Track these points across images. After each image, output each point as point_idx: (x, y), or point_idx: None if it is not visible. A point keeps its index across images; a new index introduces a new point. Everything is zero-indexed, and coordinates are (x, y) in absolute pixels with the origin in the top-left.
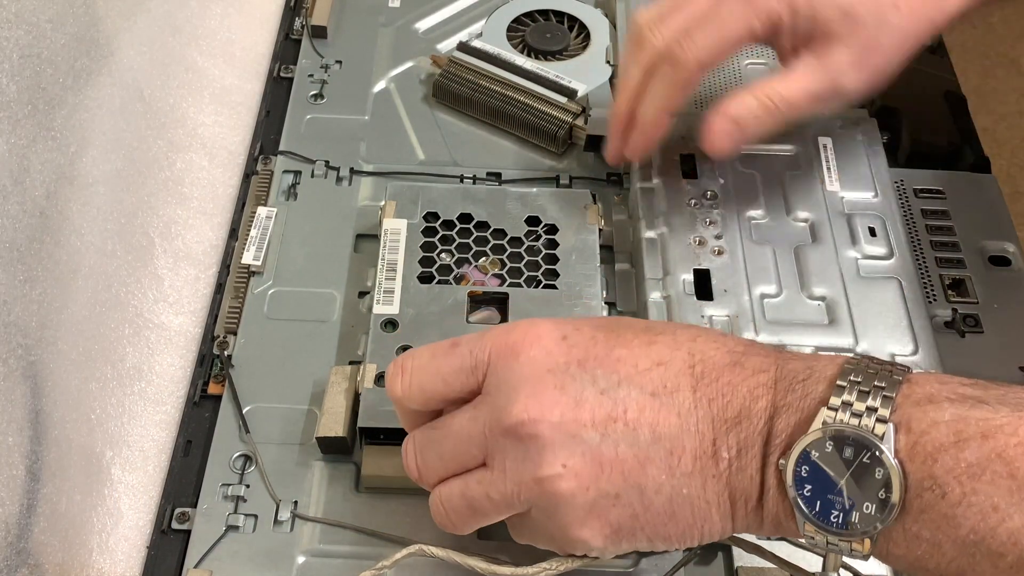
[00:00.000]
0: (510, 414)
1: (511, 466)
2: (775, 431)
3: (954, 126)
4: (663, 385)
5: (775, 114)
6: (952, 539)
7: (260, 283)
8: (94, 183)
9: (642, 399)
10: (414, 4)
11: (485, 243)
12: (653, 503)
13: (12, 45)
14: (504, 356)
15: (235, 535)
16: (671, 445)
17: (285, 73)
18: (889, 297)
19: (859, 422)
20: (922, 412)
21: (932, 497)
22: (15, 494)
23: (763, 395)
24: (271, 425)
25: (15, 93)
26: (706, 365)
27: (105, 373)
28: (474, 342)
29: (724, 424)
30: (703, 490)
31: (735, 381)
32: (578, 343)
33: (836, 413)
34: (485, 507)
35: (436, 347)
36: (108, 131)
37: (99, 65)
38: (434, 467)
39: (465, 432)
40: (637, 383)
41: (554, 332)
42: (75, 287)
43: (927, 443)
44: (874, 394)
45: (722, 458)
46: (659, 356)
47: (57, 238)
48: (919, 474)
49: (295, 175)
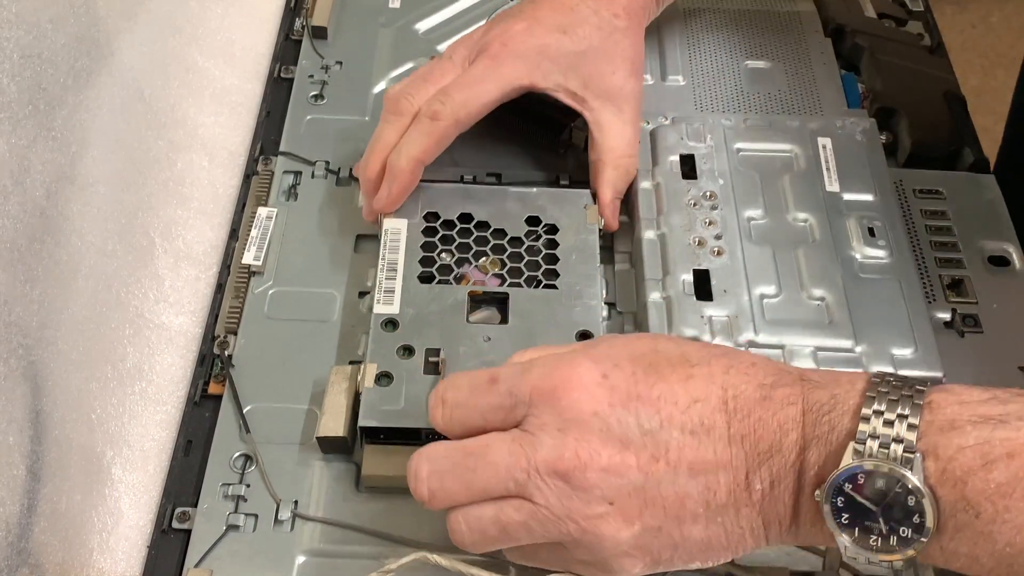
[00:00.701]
0: (561, 458)
1: (555, 503)
2: (807, 463)
3: (954, 126)
4: (701, 423)
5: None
6: (989, 553)
7: (260, 283)
8: (94, 183)
9: (682, 439)
10: (414, 5)
11: (485, 243)
12: (692, 533)
13: (12, 45)
14: (547, 398)
15: (235, 535)
16: (707, 481)
17: (285, 74)
18: (889, 297)
19: (888, 454)
20: (947, 439)
21: (966, 517)
22: (15, 494)
23: (792, 429)
24: (271, 425)
25: (15, 93)
26: (738, 401)
27: (105, 373)
28: (514, 381)
29: (756, 458)
30: (737, 518)
31: (765, 417)
32: (619, 383)
33: (864, 446)
34: (520, 535)
35: (475, 381)
36: (108, 131)
37: (99, 65)
38: (455, 493)
39: (504, 465)
40: (678, 423)
41: (594, 372)
42: (75, 287)
43: (955, 468)
44: (899, 423)
45: (755, 489)
46: (696, 392)
47: (57, 238)
48: (951, 497)
49: (295, 175)
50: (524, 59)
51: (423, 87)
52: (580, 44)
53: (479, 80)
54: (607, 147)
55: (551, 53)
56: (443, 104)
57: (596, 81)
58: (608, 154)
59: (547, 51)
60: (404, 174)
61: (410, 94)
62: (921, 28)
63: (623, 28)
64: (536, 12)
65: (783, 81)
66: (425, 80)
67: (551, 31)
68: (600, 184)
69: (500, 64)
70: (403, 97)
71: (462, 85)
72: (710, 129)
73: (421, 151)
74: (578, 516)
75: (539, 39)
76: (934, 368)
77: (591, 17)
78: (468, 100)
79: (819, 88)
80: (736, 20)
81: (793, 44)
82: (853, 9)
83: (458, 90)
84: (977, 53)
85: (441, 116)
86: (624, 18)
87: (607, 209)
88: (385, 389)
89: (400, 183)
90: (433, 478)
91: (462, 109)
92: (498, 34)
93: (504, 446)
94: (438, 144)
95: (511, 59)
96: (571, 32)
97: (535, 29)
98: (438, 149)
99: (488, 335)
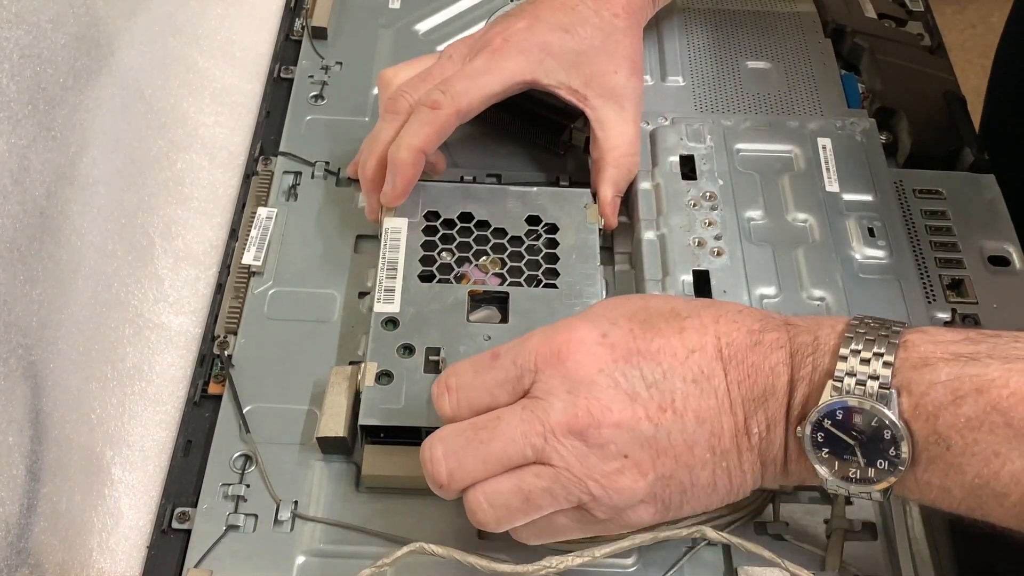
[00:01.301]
0: (576, 417)
1: (575, 463)
2: (793, 404)
3: (954, 126)
4: (701, 372)
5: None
6: (959, 484)
7: (260, 283)
8: (94, 183)
9: (686, 388)
10: (414, 5)
11: (485, 242)
12: (700, 478)
13: (12, 45)
14: (552, 363)
15: (235, 535)
16: (712, 427)
17: (285, 74)
18: (889, 297)
19: (864, 390)
20: (919, 375)
21: (938, 450)
22: (15, 494)
23: (783, 372)
24: (271, 425)
25: (15, 93)
26: (732, 348)
27: (105, 373)
28: (515, 352)
29: (752, 403)
30: (739, 462)
31: (757, 361)
32: (618, 340)
33: (842, 383)
34: (543, 501)
35: (477, 361)
36: (108, 131)
37: (99, 65)
38: (473, 469)
39: (519, 433)
40: (679, 373)
41: (593, 332)
42: (75, 287)
43: (927, 403)
44: (875, 361)
45: (753, 433)
46: (692, 343)
47: (57, 238)
48: (924, 431)
49: (295, 176)
50: (526, 55)
51: (421, 85)
52: (582, 43)
53: (481, 72)
54: (609, 146)
55: (553, 50)
56: (443, 93)
57: (598, 79)
58: (610, 152)
59: (549, 48)
60: (407, 166)
61: (407, 91)
62: (921, 28)
63: (623, 28)
64: (537, 11)
65: (783, 81)
66: (423, 79)
67: (553, 29)
68: (601, 182)
69: (503, 57)
70: (400, 95)
71: (463, 76)
72: (710, 129)
73: (422, 141)
74: (597, 473)
75: (541, 36)
76: None
77: (592, 17)
78: (470, 89)
79: (819, 88)
80: (736, 20)
81: (793, 44)
82: (853, 9)
83: (459, 80)
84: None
85: (441, 105)
86: (624, 18)
87: (607, 207)
88: (385, 388)
89: (403, 175)
90: (451, 458)
91: (463, 98)
92: (499, 31)
93: (516, 415)
94: (439, 134)
95: (514, 53)
96: (572, 31)
97: (537, 27)
98: (439, 139)
99: (488, 334)
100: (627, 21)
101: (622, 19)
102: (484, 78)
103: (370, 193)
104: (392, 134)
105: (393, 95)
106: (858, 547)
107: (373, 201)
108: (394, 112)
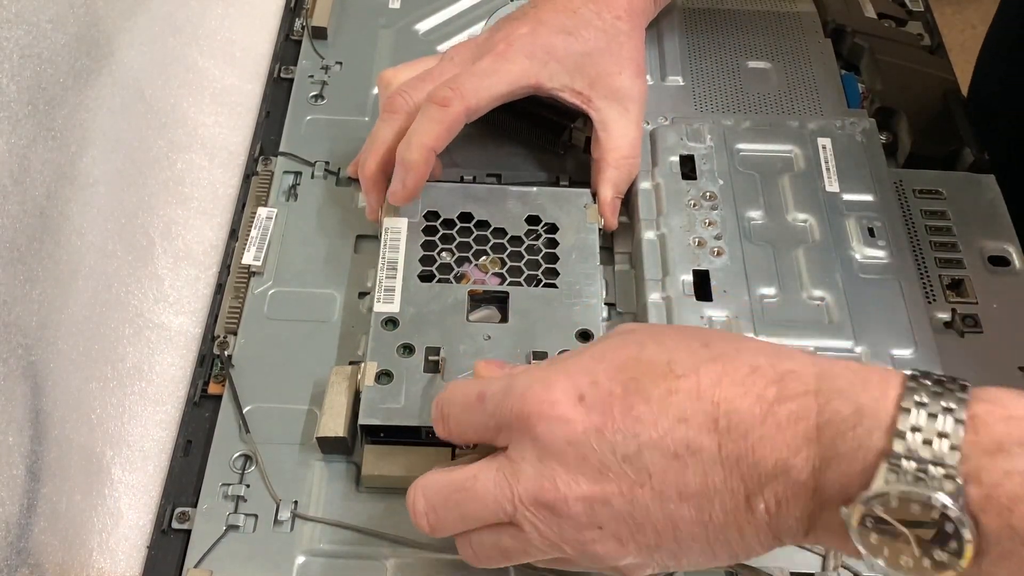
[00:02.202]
0: (542, 489)
1: (546, 530)
2: (826, 482)
3: (954, 126)
4: (686, 446)
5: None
6: None
7: (260, 283)
8: (94, 183)
9: (665, 463)
10: (414, 5)
11: (485, 242)
12: (692, 549)
13: (12, 45)
14: (524, 427)
15: (235, 535)
16: (699, 504)
17: (285, 74)
18: (889, 297)
19: (925, 477)
20: (993, 463)
21: (1012, 545)
22: (15, 494)
23: (804, 447)
24: (271, 425)
25: (15, 93)
26: (732, 418)
27: (105, 373)
28: (498, 400)
29: (756, 480)
30: (740, 535)
31: (767, 434)
32: (595, 404)
33: (900, 467)
34: (522, 556)
35: (466, 396)
36: (108, 131)
37: (99, 65)
38: (452, 526)
39: (491, 497)
40: (659, 446)
41: (571, 393)
42: (75, 287)
43: (1002, 495)
44: (938, 442)
45: (758, 509)
46: (680, 411)
47: (57, 238)
48: (995, 524)
49: (295, 176)
50: (531, 59)
51: (421, 86)
52: (585, 45)
53: (488, 73)
54: (611, 147)
55: (558, 54)
56: (452, 90)
57: (603, 80)
58: (611, 154)
59: (554, 52)
60: (418, 165)
61: (407, 91)
62: (921, 28)
63: (626, 30)
64: (539, 15)
65: (783, 81)
66: (424, 79)
67: (556, 32)
68: (601, 183)
69: (508, 60)
70: (399, 94)
71: (470, 75)
72: (710, 129)
73: (433, 139)
74: (571, 540)
75: (545, 40)
76: (934, 368)
77: (594, 20)
78: (478, 89)
79: (819, 88)
80: (736, 20)
81: (793, 44)
82: (853, 9)
83: (467, 79)
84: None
85: (451, 102)
86: (626, 20)
87: (607, 208)
88: (385, 387)
89: (415, 174)
90: (431, 513)
91: (472, 96)
92: (503, 36)
93: (491, 477)
94: (449, 131)
95: (519, 57)
96: (576, 33)
97: (540, 31)
98: (449, 137)
99: (488, 334)
100: (630, 24)
101: (625, 21)
102: (491, 79)
103: (370, 193)
104: (391, 134)
105: (392, 95)
106: None
107: (373, 201)
108: (392, 111)
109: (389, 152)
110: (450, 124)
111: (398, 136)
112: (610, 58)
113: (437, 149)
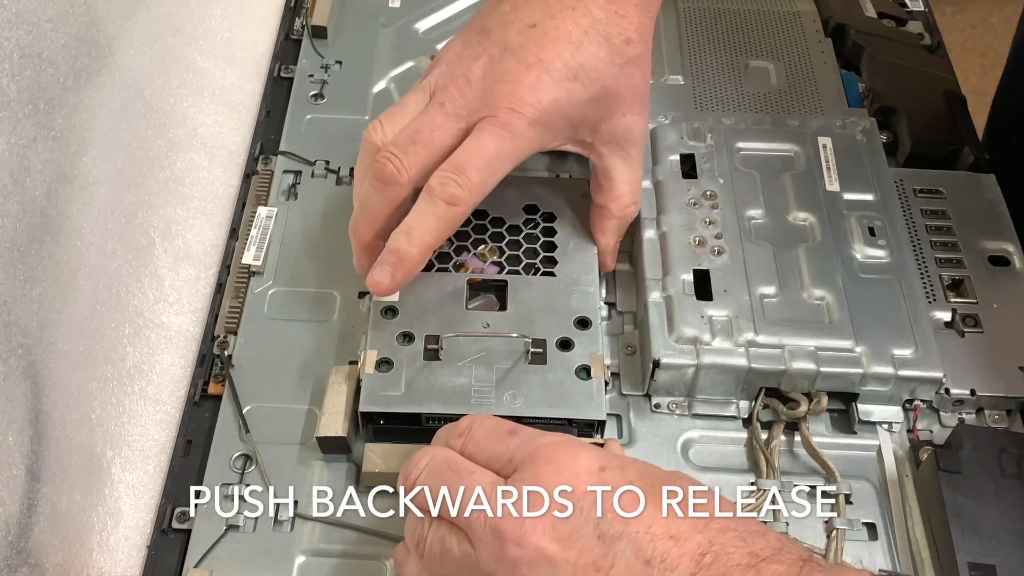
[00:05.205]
0: (507, 517)
1: (485, 557)
2: None
3: (954, 126)
4: (663, 559)
5: None
6: None
7: (260, 283)
8: (94, 183)
9: (635, 563)
10: (414, 4)
11: (484, 231)
12: None
13: (12, 45)
14: (535, 461)
15: (235, 535)
16: None
17: (285, 73)
18: (889, 297)
19: None
20: None
21: None
22: (15, 494)
23: None
24: (271, 425)
25: (15, 93)
26: (718, 559)
27: (105, 373)
28: (523, 448)
29: None
30: None
31: None
32: (608, 480)
33: None
34: (451, 569)
35: (498, 424)
36: (108, 131)
37: (99, 65)
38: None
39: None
40: (639, 546)
41: (594, 462)
42: (75, 287)
43: None
44: None
45: None
46: (677, 530)
47: (57, 238)
48: None
49: (295, 175)
50: (536, 124)
51: (413, 150)
52: (592, 88)
53: (495, 158)
54: (614, 195)
55: (563, 109)
56: (461, 188)
57: (606, 125)
58: (614, 203)
59: (559, 108)
60: (415, 262)
61: (398, 157)
62: (921, 28)
63: (635, 57)
64: (541, 53)
65: (784, 80)
66: (414, 141)
67: (560, 81)
68: (604, 230)
69: (514, 136)
70: (389, 160)
71: (478, 166)
72: (710, 129)
73: (436, 238)
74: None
75: (550, 94)
76: (934, 368)
77: (602, 49)
78: (486, 182)
79: (819, 88)
80: (736, 19)
81: (793, 44)
82: (853, 9)
83: (475, 171)
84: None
85: (460, 202)
86: (637, 42)
87: (608, 256)
88: (385, 375)
89: (408, 270)
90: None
91: (479, 191)
92: (505, 94)
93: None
94: (452, 230)
95: (524, 127)
96: (581, 76)
97: (543, 80)
98: (451, 233)
99: (487, 322)
100: (641, 47)
101: (635, 45)
102: (498, 163)
103: (363, 256)
104: (384, 205)
105: (381, 159)
106: (858, 547)
107: (365, 264)
108: (384, 181)
109: (387, 222)
110: (456, 223)
111: (392, 207)
112: (615, 98)
113: (436, 246)
